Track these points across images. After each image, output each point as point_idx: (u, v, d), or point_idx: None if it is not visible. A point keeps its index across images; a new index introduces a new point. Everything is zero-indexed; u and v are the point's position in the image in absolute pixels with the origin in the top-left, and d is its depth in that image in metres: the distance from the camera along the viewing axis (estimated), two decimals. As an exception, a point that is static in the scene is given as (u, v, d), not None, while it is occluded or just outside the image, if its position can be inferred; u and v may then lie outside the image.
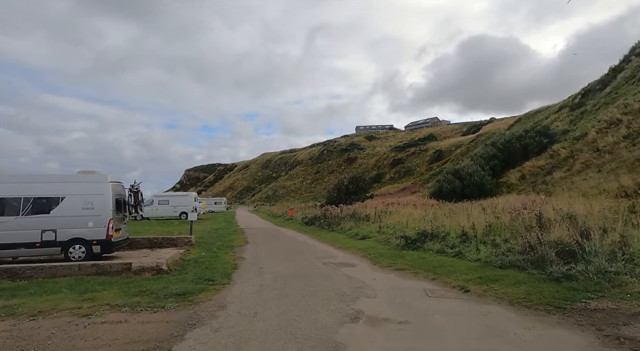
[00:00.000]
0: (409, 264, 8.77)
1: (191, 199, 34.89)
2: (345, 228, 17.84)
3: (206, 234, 19.20)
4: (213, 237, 17.55)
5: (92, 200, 10.90)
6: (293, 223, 28.38)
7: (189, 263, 9.60)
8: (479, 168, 34.12)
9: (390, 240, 12.83)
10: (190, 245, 14.75)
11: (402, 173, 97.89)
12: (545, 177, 29.75)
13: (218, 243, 15.12)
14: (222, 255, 11.65)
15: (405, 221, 16.28)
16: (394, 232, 13.98)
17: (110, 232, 10.89)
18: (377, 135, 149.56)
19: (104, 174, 11.46)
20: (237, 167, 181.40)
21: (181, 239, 14.98)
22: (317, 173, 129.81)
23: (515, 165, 35.25)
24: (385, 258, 9.92)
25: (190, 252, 13.00)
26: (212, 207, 66.37)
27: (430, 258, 9.08)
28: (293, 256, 11.47)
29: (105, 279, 7.50)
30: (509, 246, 8.11)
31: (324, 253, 12.04)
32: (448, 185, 33.94)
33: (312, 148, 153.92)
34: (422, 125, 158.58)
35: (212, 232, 20.98)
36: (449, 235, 10.84)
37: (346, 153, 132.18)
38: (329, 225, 20.31)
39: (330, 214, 21.82)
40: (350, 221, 18.85)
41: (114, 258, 10.30)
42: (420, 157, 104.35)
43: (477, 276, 6.79)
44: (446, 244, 9.83)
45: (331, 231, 18.88)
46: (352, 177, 40.56)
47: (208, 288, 6.74)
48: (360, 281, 7.40)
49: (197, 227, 24.62)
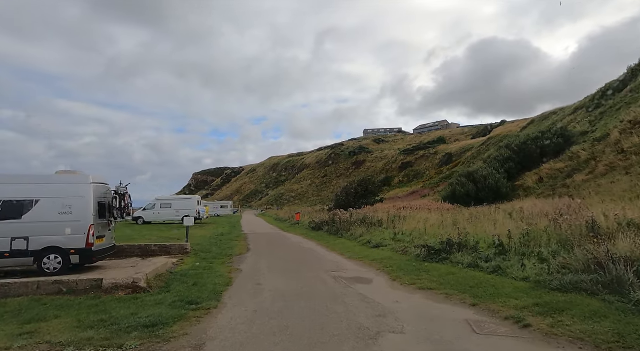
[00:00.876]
0: (437, 281, 7.25)
1: (194, 203, 33.63)
2: (356, 234, 16.33)
3: (206, 240, 17.84)
4: (213, 244, 16.17)
5: (71, 203, 9.57)
6: (299, 228, 26.93)
7: (175, 278, 8.18)
8: (493, 171, 32.67)
9: (408, 249, 11.30)
10: (185, 254, 13.38)
11: (411, 177, 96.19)
12: (565, 180, 28.24)
13: (216, 251, 13.73)
14: (218, 267, 10.23)
15: (423, 227, 14.73)
16: (412, 240, 12.45)
17: (90, 239, 9.55)
18: (385, 138, 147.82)
19: (85, 174, 10.14)
20: (244, 171, 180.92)
21: (176, 247, 13.62)
22: (324, 177, 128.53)
23: (531, 167, 33.88)
24: (406, 272, 8.41)
25: (183, 262, 11.62)
26: (218, 210, 65.30)
27: (462, 275, 7.54)
28: (298, 268, 10.01)
29: (66, 300, 6.12)
30: (562, 261, 6.56)
31: (333, 264, 10.56)
32: (462, 189, 32.61)
33: (319, 151, 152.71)
34: (431, 128, 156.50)
35: (213, 237, 19.62)
36: (478, 245, 9.30)
37: (354, 157, 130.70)
38: (337, 231, 18.81)
39: (340, 219, 20.32)
40: (361, 227, 17.34)
41: (88, 272, 8.93)
42: (430, 161, 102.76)
43: (532, 302, 5.25)
44: (479, 256, 8.28)
45: (340, 238, 17.38)
46: (361, 179, 39.07)
47: (188, 316, 5.31)
48: (380, 305, 5.91)
49: (199, 232, 23.30)
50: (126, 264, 11.56)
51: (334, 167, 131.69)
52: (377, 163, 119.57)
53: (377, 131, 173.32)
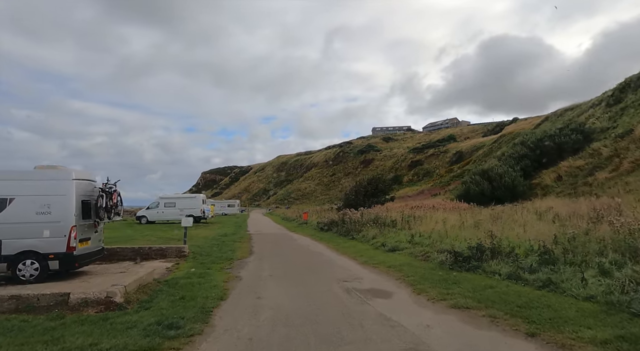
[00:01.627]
0: (473, 297, 5.97)
1: (199, 201, 32.61)
2: (368, 236, 15.06)
3: (208, 242, 16.73)
4: (214, 246, 15.04)
5: (50, 202, 8.48)
6: (307, 228, 25.74)
7: (161, 290, 7.00)
8: (509, 169, 31.31)
9: (429, 254, 10.01)
10: (182, 257, 12.26)
11: (420, 175, 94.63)
12: (586, 178, 26.81)
13: (216, 255, 12.57)
14: (215, 273, 9.06)
15: (442, 229, 13.41)
16: (432, 243, 11.14)
17: (72, 243, 8.46)
18: (394, 137, 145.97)
19: (68, 169, 9.04)
20: (252, 170, 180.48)
21: (172, 249, 12.50)
22: (332, 176, 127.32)
23: (548, 165, 32.52)
24: (432, 283, 7.14)
25: (178, 267, 10.49)
26: (225, 209, 64.61)
27: (502, 289, 6.23)
28: (305, 276, 8.79)
29: (20, 322, 4.98)
30: (634, 275, 5.25)
31: (345, 271, 9.31)
32: (476, 187, 31.30)
33: (327, 150, 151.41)
34: (441, 126, 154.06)
35: (216, 238, 18.51)
36: (514, 251, 7.96)
37: (362, 155, 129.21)
38: (348, 232, 17.56)
39: (350, 219, 19.06)
40: (373, 227, 16.06)
41: (68, 280, 7.79)
42: (440, 159, 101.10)
43: (615, 334, 3.95)
44: (520, 266, 6.96)
45: (351, 239, 16.13)
46: (371, 178, 37.71)
47: (162, 348, 4.13)
48: (408, 332, 4.66)
49: (202, 233, 22.24)
50: (116, 269, 10.46)
51: (342, 166, 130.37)
52: (385, 162, 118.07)
53: (386, 129, 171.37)
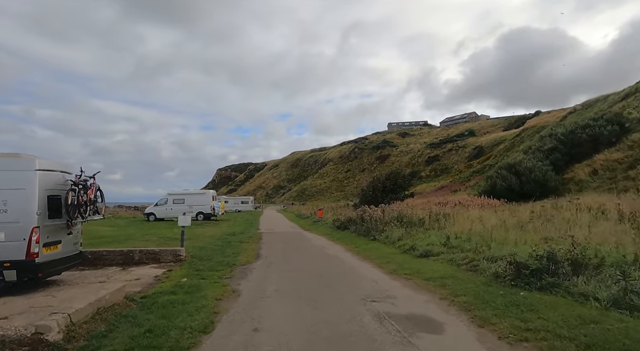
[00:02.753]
0: (571, 337, 3.99)
1: (209, 198, 31.07)
2: (392, 237, 13.07)
3: (213, 242, 15.04)
4: (218, 247, 13.31)
5: (5, 198, 6.83)
6: (322, 226, 23.86)
7: (129, 315, 5.18)
8: (539, 163, 29.08)
9: (475, 263, 7.97)
10: (178, 261, 10.53)
11: (438, 171, 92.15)
12: (627, 171, 24.43)
13: (217, 258, 10.80)
14: (208, 286, 7.25)
15: (483, 230, 11.30)
16: (476, 248, 9.09)
17: (33, 248, 6.80)
18: (410, 132, 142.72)
19: (30, 158, 7.34)
20: (267, 166, 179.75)
21: (167, 253, 10.78)
22: (347, 172, 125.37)
23: (581, 158, 30.18)
24: (495, 308, 5.15)
25: (169, 275, 8.75)
26: (239, 206, 63.57)
27: (615, 324, 4.18)
28: (320, 292, 6.88)
29: None
30: None
31: (371, 284, 7.37)
32: (502, 182, 29.32)
33: (342, 146, 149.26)
34: (459, 120, 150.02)
35: (222, 238, 16.82)
36: (604, 262, 5.90)
37: (378, 151, 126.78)
38: (368, 231, 15.60)
39: (370, 217, 17.10)
40: (398, 227, 14.06)
41: (33, 292, 6.09)
42: (458, 154, 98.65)
43: None
44: (630, 288, 4.91)
45: (373, 240, 14.17)
46: (389, 172, 35.56)
47: None
48: None
49: (209, 231, 20.63)
50: (96, 277, 8.80)
51: (358, 162, 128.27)
52: (402, 158, 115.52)
53: (402, 124, 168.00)
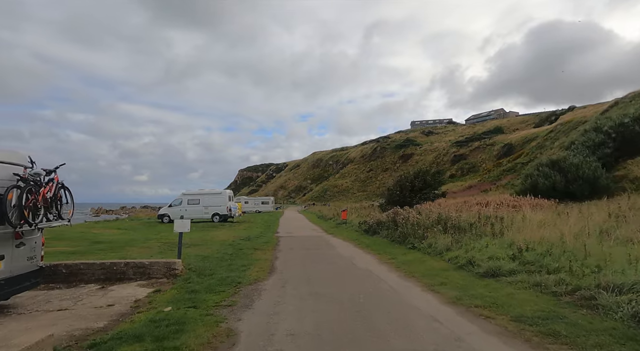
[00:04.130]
0: None
1: (225, 198, 29.10)
2: (438, 246, 10.54)
3: (222, 249, 12.93)
4: (226, 257, 11.15)
5: None
6: (347, 229, 21.48)
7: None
8: (586, 159, 26.19)
9: (587, 294, 5.44)
10: (172, 277, 8.39)
11: (465, 170, 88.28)
12: None
13: (221, 274, 8.60)
14: (195, 324, 5.04)
15: (559, 239, 8.66)
16: (570, 268, 6.54)
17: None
18: (434, 130, 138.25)
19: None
20: (288, 166, 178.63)
21: (159, 266, 8.63)
22: (370, 172, 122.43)
23: (634, 154, 26.95)
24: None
25: (153, 299, 6.60)
26: (259, 206, 62.00)
27: None
28: (353, 338, 4.56)
29: None
30: None
31: (432, 328, 4.93)
32: (545, 181, 26.69)
33: (364, 145, 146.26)
34: (486, 117, 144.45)
35: (234, 244, 14.71)
36: None
37: (401, 150, 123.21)
38: (404, 237, 13.12)
39: (404, 220, 14.59)
40: (442, 233, 11.53)
41: None
42: (486, 152, 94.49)
43: None
44: None
45: (411, 249, 11.68)
46: (417, 170, 32.82)
47: None
48: None
49: (222, 235, 18.62)
50: (61, 300, 6.75)
51: (380, 161, 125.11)
52: (426, 156, 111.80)
53: (426, 123, 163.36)
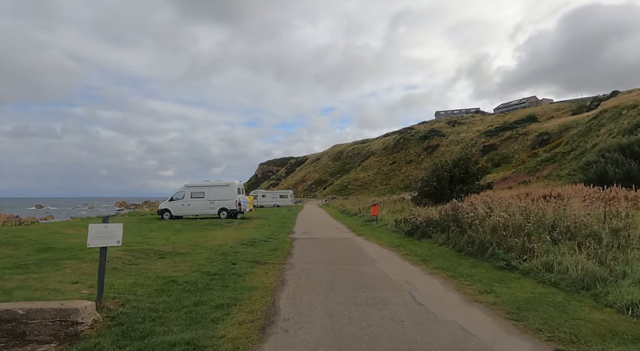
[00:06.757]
0: None
1: (233, 191, 24.77)
2: (569, 271, 5.98)
3: (206, 264, 8.70)
4: (202, 282, 6.89)
5: None
6: (381, 229, 16.99)
7: None
8: None
9: None
10: (69, 339, 4.20)
11: (496, 161, 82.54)
12: None
13: (165, 335, 4.28)
14: None
15: None
16: None
17: None
18: (461, 120, 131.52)
19: None
20: (308, 160, 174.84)
21: (44, 318, 4.40)
22: (392, 164, 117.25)
23: None
24: None
25: None
26: (277, 200, 58.50)
27: None
28: None
29: None
30: None
31: None
32: (616, 168, 22.63)
33: (386, 137, 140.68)
34: (517, 106, 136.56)
35: (229, 253, 10.45)
36: None
37: (426, 141, 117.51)
38: (481, 246, 8.56)
39: (468, 218, 9.99)
40: (546, 242, 6.93)
41: None
42: (519, 142, 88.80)
43: None
44: None
45: (506, 269, 7.17)
46: (457, 158, 27.94)
47: None
48: None
49: (222, 236, 14.48)
50: None
51: (403, 153, 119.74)
52: (453, 147, 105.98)
53: (451, 113, 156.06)
